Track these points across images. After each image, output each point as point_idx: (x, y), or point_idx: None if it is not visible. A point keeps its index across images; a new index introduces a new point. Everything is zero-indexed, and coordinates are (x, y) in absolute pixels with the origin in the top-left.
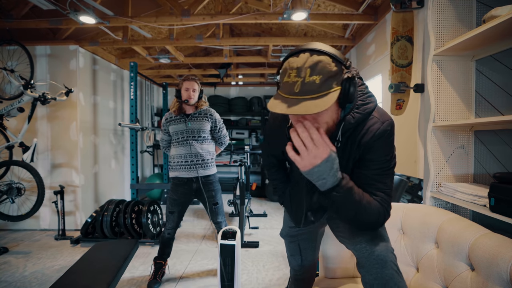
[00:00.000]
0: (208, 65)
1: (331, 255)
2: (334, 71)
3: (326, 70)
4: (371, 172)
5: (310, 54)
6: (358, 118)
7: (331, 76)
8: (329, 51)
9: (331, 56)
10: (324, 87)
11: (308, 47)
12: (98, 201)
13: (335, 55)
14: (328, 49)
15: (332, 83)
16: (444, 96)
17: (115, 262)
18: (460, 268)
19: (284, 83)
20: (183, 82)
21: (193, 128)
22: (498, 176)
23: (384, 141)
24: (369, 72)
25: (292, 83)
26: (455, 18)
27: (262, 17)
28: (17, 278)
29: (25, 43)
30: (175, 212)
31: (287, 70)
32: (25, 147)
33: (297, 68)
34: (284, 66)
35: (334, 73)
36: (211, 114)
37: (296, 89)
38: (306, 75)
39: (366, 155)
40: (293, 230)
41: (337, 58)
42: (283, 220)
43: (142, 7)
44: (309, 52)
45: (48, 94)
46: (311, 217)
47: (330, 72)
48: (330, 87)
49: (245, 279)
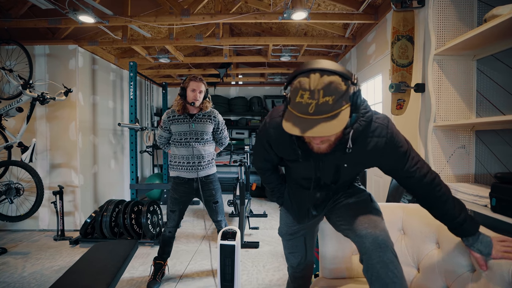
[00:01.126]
0: (208, 65)
1: (331, 255)
2: (344, 90)
3: (338, 91)
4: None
5: (321, 75)
6: (364, 126)
7: (342, 95)
8: (339, 70)
9: (340, 75)
10: (337, 106)
11: (318, 66)
12: (98, 202)
13: (344, 73)
14: (337, 68)
15: (343, 101)
16: (445, 96)
17: (115, 262)
18: (461, 268)
19: (296, 103)
20: (189, 81)
21: (196, 130)
22: (500, 176)
23: (396, 139)
24: (369, 72)
25: (305, 104)
26: (456, 17)
27: (262, 16)
28: (16, 279)
29: (24, 42)
30: (176, 210)
31: (299, 91)
32: (24, 147)
33: (310, 90)
34: (295, 86)
35: (344, 92)
36: (215, 116)
37: (310, 110)
38: (319, 97)
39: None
40: (291, 228)
41: (346, 77)
42: (279, 219)
43: (141, 6)
44: (319, 73)
45: (47, 94)
46: (313, 211)
47: (341, 92)
48: (341, 105)
49: (245, 279)
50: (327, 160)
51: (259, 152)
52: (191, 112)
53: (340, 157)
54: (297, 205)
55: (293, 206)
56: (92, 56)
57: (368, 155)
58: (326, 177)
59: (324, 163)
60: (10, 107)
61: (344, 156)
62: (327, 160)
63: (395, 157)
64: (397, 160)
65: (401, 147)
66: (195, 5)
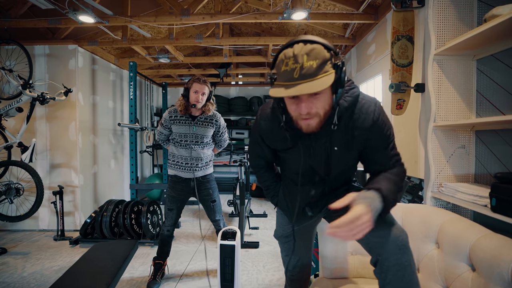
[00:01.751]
0: (208, 65)
1: (331, 256)
2: (328, 56)
3: (321, 55)
4: (384, 151)
5: (304, 44)
6: (350, 102)
7: (326, 61)
8: (320, 41)
9: (322, 44)
10: (321, 70)
11: (300, 38)
12: (97, 202)
13: (326, 43)
14: (318, 39)
15: (327, 67)
16: (445, 96)
17: (115, 262)
18: (461, 268)
19: (282, 72)
20: (193, 83)
21: (197, 133)
22: (499, 176)
23: (383, 117)
24: (369, 72)
25: (290, 70)
26: (456, 17)
27: (262, 16)
28: (16, 279)
29: (24, 42)
30: (174, 209)
31: (284, 60)
32: (24, 147)
33: (294, 55)
34: (280, 58)
35: (328, 58)
36: (217, 120)
37: (295, 75)
38: (304, 61)
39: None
40: (287, 230)
41: (328, 46)
42: (276, 221)
43: (141, 6)
44: (302, 42)
45: (47, 94)
46: (309, 211)
47: (325, 57)
48: (326, 71)
49: (245, 279)
50: (316, 144)
51: (253, 149)
52: (193, 114)
53: (328, 138)
54: (292, 204)
55: (288, 205)
56: (92, 56)
57: (355, 133)
58: (317, 165)
59: (315, 149)
60: (10, 107)
61: (332, 136)
62: (317, 145)
63: (380, 135)
64: (382, 139)
65: (389, 128)
66: (195, 5)
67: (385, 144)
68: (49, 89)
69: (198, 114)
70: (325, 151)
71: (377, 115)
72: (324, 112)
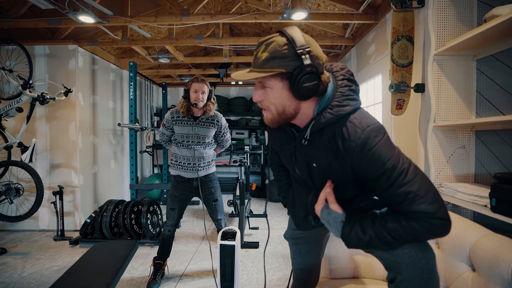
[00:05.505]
0: (208, 65)
1: (333, 256)
2: (282, 53)
3: (274, 50)
4: (386, 191)
5: (280, 34)
6: (328, 119)
7: (277, 57)
8: (289, 34)
9: (288, 39)
10: (267, 65)
11: (283, 28)
12: (97, 202)
13: (293, 39)
14: (291, 33)
15: (276, 64)
16: (444, 96)
17: (115, 262)
18: (461, 268)
19: None
20: (192, 83)
21: (199, 134)
22: (499, 176)
23: (372, 150)
24: (369, 72)
25: (254, 56)
26: (456, 17)
27: (262, 16)
28: (16, 279)
29: (24, 42)
30: (175, 208)
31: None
32: (24, 147)
33: (260, 43)
34: None
35: (281, 55)
36: (218, 120)
37: (252, 62)
38: (260, 51)
39: (363, 170)
40: (295, 232)
41: (293, 43)
42: (288, 222)
43: (141, 6)
44: (279, 33)
45: (47, 94)
46: (312, 221)
47: (277, 53)
48: (273, 67)
49: (245, 279)
50: (298, 152)
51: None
52: (195, 115)
53: (303, 151)
54: (294, 207)
55: (291, 209)
56: (92, 56)
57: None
58: (302, 173)
59: (296, 158)
60: (10, 107)
61: (305, 150)
62: (298, 153)
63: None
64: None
65: (389, 160)
66: (195, 5)
67: (387, 184)
68: (49, 89)
69: (200, 115)
70: (307, 165)
71: (361, 145)
72: (276, 110)
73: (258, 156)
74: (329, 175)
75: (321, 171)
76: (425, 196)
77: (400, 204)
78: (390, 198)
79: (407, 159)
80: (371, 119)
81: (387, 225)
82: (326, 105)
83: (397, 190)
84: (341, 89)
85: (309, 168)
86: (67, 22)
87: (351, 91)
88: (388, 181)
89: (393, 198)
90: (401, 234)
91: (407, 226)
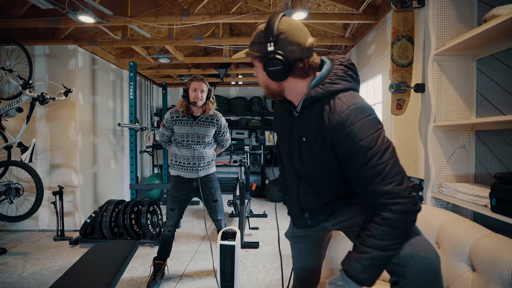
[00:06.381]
0: (208, 65)
1: (334, 255)
2: (259, 39)
3: (256, 35)
4: (358, 170)
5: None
6: (318, 93)
7: (256, 42)
8: (269, 23)
9: (265, 27)
10: (252, 48)
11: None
12: (97, 202)
13: (268, 27)
14: (271, 21)
15: (255, 48)
16: (445, 96)
17: (115, 262)
18: (461, 268)
19: None
20: (191, 82)
21: (198, 133)
22: (499, 176)
23: (353, 125)
24: (369, 72)
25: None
26: (456, 17)
27: (262, 16)
28: (16, 279)
29: (24, 42)
30: (175, 209)
31: None
32: (24, 147)
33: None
34: None
35: (259, 40)
36: (218, 119)
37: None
38: (252, 34)
39: (339, 145)
40: (295, 231)
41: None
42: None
43: (141, 6)
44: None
45: (47, 94)
46: (308, 220)
47: (256, 38)
48: (253, 51)
49: (245, 279)
50: (294, 127)
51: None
52: (195, 114)
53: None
54: (290, 203)
55: (289, 205)
56: (92, 56)
57: (323, 130)
58: (293, 152)
59: (293, 134)
60: (10, 107)
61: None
62: (294, 128)
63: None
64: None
65: (360, 140)
66: (195, 5)
67: (360, 163)
68: (49, 89)
69: (199, 114)
70: (298, 140)
71: (344, 118)
72: (264, 85)
73: (258, 156)
74: (315, 154)
75: (309, 148)
76: (393, 177)
77: (369, 183)
78: (360, 177)
79: (388, 141)
80: (361, 100)
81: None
82: (319, 82)
83: (369, 170)
84: (336, 70)
85: (300, 144)
86: (67, 22)
87: (346, 74)
88: (362, 160)
89: (363, 178)
90: (385, 231)
91: (381, 222)
